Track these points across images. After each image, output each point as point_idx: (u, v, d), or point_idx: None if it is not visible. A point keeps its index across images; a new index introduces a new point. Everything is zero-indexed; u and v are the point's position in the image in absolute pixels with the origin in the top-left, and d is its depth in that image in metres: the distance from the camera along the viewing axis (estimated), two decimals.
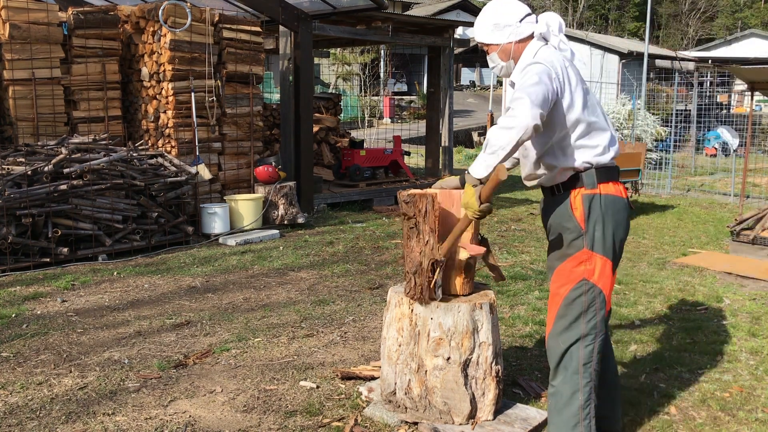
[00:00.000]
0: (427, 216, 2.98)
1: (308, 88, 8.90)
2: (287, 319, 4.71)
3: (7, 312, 4.74)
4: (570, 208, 2.75)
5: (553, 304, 2.84)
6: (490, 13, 2.86)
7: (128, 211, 6.55)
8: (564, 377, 2.78)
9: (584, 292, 2.74)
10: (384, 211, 9.37)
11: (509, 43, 2.83)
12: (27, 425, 3.13)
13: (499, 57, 2.88)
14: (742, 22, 45.97)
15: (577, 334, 2.75)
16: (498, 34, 2.83)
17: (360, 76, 27.53)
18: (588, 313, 2.74)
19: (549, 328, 2.85)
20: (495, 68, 2.93)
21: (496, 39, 2.84)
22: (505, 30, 2.82)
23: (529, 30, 2.81)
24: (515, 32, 2.81)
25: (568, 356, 2.77)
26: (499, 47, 2.85)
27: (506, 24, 2.82)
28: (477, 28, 2.90)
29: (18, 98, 7.39)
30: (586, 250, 2.72)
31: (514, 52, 2.84)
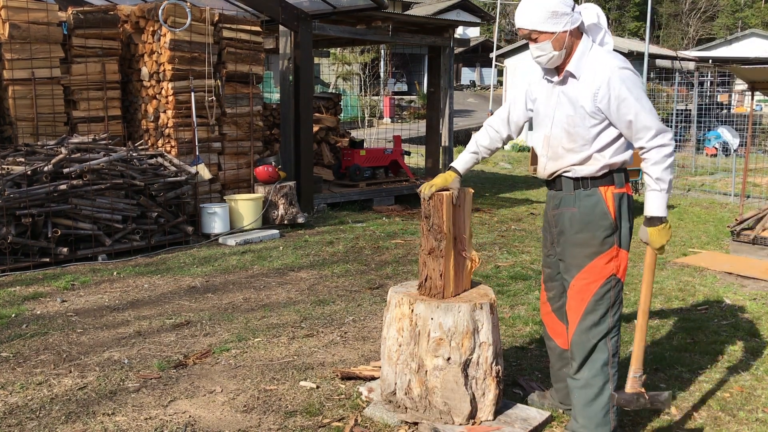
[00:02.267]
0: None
1: (308, 87, 8.90)
2: (287, 319, 4.71)
3: (7, 312, 4.73)
4: (605, 206, 2.83)
5: (579, 300, 2.88)
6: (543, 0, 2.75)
7: (128, 211, 6.54)
8: (595, 370, 2.87)
9: (612, 287, 2.85)
10: (384, 211, 9.37)
11: (564, 32, 2.75)
12: (27, 425, 3.12)
13: (552, 46, 2.78)
14: (742, 21, 45.97)
15: (606, 328, 2.86)
16: (555, 22, 2.74)
17: (360, 76, 27.53)
18: (614, 306, 2.87)
19: (575, 324, 2.90)
20: (542, 57, 2.83)
21: (551, 27, 2.74)
22: (563, 18, 2.74)
23: (578, 19, 2.78)
24: (570, 20, 2.75)
25: (599, 350, 2.87)
26: (553, 36, 2.76)
27: (564, 12, 2.73)
28: (527, 15, 2.77)
29: (18, 98, 7.39)
30: (617, 247, 2.84)
31: (568, 42, 2.78)
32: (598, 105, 2.74)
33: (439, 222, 3.07)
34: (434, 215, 3.09)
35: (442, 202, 3.05)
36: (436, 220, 3.08)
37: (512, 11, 43.49)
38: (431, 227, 3.10)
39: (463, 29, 36.34)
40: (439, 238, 3.09)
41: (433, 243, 3.11)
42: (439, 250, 3.10)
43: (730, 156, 15.72)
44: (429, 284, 3.16)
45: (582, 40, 2.80)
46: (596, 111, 2.76)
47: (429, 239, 3.13)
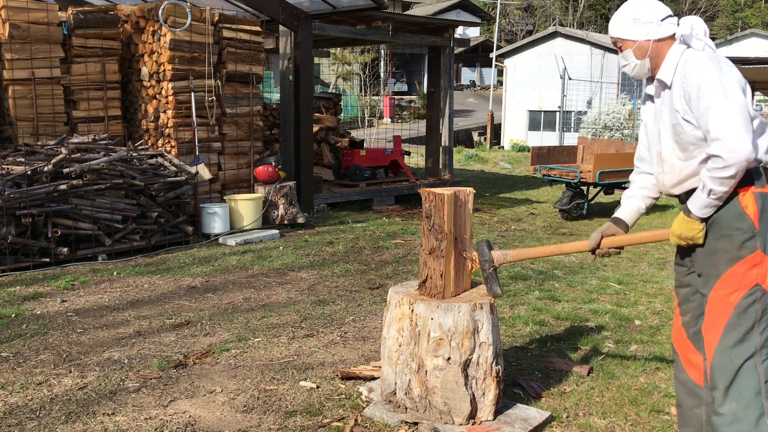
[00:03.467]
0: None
1: (308, 87, 8.90)
2: (287, 319, 4.71)
3: (7, 312, 4.73)
4: (741, 206, 2.53)
5: (719, 314, 2.54)
6: (630, 7, 2.71)
7: (128, 211, 6.54)
8: (743, 401, 2.46)
9: (758, 299, 2.49)
10: (384, 211, 9.37)
11: (647, 40, 2.67)
12: (27, 425, 3.12)
13: (633, 54, 2.71)
14: (742, 21, 45.97)
15: (753, 347, 2.48)
16: (636, 29, 2.67)
17: (360, 76, 27.53)
18: (762, 322, 2.49)
19: (714, 344, 2.55)
20: (626, 67, 2.77)
21: (634, 35, 2.68)
22: (645, 26, 2.66)
23: (669, 30, 2.66)
24: (655, 30, 2.65)
25: (746, 374, 2.47)
26: (635, 44, 2.69)
27: (647, 20, 2.66)
28: (613, 23, 2.74)
29: (18, 98, 7.39)
30: (760, 251, 2.51)
31: (652, 51, 2.68)
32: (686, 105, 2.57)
33: (440, 222, 3.07)
34: (435, 215, 3.09)
35: (443, 201, 3.05)
36: (437, 220, 3.08)
37: (512, 11, 43.52)
38: (432, 227, 3.10)
39: (463, 29, 36.34)
40: (440, 238, 3.09)
41: (434, 243, 3.11)
42: (440, 250, 3.10)
43: None
44: (429, 284, 3.16)
45: (672, 48, 2.66)
46: (687, 110, 2.58)
47: (430, 239, 3.13)
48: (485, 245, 3.15)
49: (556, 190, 11.78)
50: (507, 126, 22.72)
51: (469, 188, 3.23)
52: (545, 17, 43.85)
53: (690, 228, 2.62)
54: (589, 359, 4.02)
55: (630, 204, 2.97)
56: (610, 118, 14.90)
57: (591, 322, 4.71)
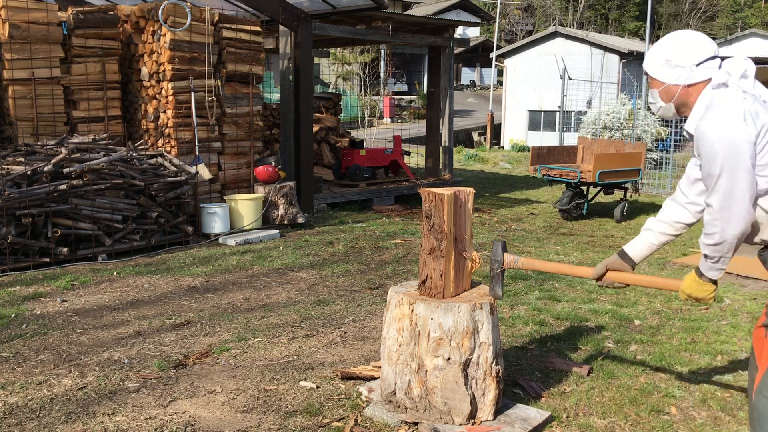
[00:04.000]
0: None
1: (308, 87, 8.90)
2: (287, 319, 4.71)
3: (7, 312, 4.73)
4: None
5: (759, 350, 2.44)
6: (666, 46, 2.53)
7: (128, 211, 6.54)
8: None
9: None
10: (384, 211, 9.37)
11: (676, 85, 2.51)
12: (27, 425, 3.12)
13: (660, 96, 2.58)
14: (742, 21, 45.96)
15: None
16: (666, 71, 2.52)
17: (360, 76, 27.53)
18: None
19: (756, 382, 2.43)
20: (653, 105, 2.65)
21: (662, 76, 2.54)
22: (675, 70, 2.50)
23: (705, 75, 2.48)
24: (686, 75, 2.49)
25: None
26: (663, 86, 2.55)
27: (678, 64, 2.49)
28: (648, 56, 2.60)
29: (18, 98, 7.39)
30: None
31: (679, 97, 2.53)
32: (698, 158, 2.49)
33: (440, 222, 3.07)
34: (435, 215, 3.09)
35: (443, 201, 3.05)
36: (437, 220, 3.08)
37: (512, 11, 43.51)
38: (432, 227, 3.10)
39: (463, 29, 36.34)
40: (439, 237, 3.09)
41: (434, 243, 3.11)
42: (440, 250, 3.10)
43: None
44: (429, 284, 3.16)
45: (702, 95, 2.48)
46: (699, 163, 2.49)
47: (430, 239, 3.13)
48: (500, 246, 3.11)
49: (556, 190, 11.78)
50: (507, 126, 22.72)
51: (469, 188, 3.23)
52: (545, 17, 43.85)
53: (701, 289, 2.52)
54: (589, 359, 4.02)
55: (643, 239, 2.84)
56: (610, 118, 14.89)
57: (591, 322, 4.71)
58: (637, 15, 46.92)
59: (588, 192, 9.44)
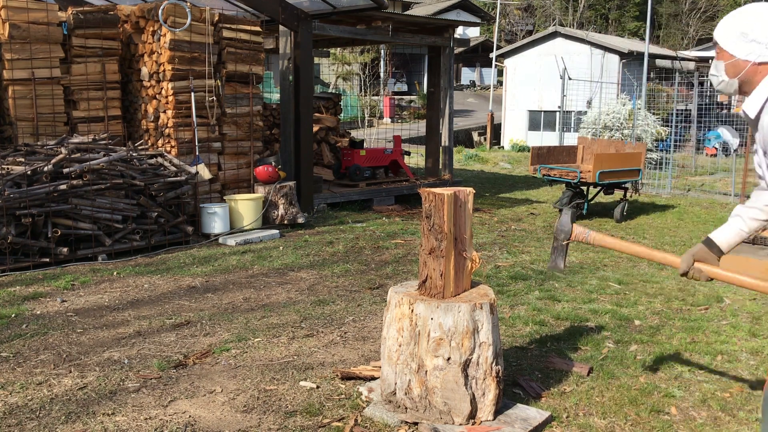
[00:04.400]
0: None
1: (308, 87, 8.90)
2: (287, 319, 4.71)
3: (7, 312, 4.73)
4: None
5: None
6: (744, 16, 2.39)
7: (128, 211, 6.54)
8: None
9: None
10: (384, 211, 9.37)
11: (746, 61, 2.38)
12: (27, 425, 3.12)
13: (725, 69, 2.45)
14: None
15: None
16: (739, 45, 2.39)
17: (360, 76, 27.53)
18: None
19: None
20: (714, 78, 2.51)
21: (734, 49, 2.40)
22: (751, 45, 2.37)
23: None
24: (759, 52, 2.36)
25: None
26: (732, 59, 2.41)
27: (755, 39, 2.36)
28: (721, 24, 2.46)
29: (18, 98, 7.39)
30: None
31: (746, 74, 2.40)
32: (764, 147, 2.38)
33: (440, 222, 3.08)
34: (435, 215, 3.09)
35: (443, 201, 3.05)
36: (437, 220, 3.08)
37: (512, 11, 43.51)
38: (432, 227, 3.10)
39: (463, 29, 36.33)
40: (439, 237, 3.09)
41: (434, 243, 3.11)
42: (440, 250, 3.10)
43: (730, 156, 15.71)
44: (429, 284, 3.16)
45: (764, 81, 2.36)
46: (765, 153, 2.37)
47: (430, 239, 3.13)
48: (569, 215, 2.92)
49: (556, 190, 11.78)
50: (507, 126, 22.72)
51: (469, 188, 3.23)
52: (545, 17, 43.85)
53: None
54: (589, 359, 4.02)
55: (732, 225, 2.68)
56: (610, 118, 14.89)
57: (591, 322, 4.71)
58: (637, 15, 46.92)
59: (588, 192, 9.44)
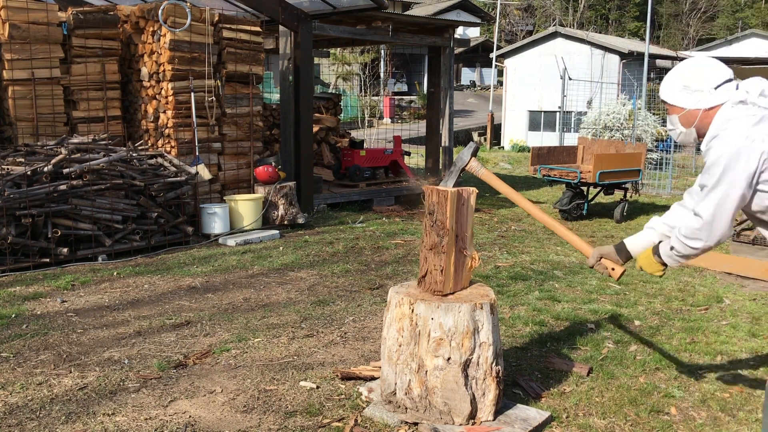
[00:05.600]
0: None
1: (308, 88, 8.90)
2: (287, 319, 4.71)
3: (7, 312, 4.73)
4: None
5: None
6: (683, 71, 2.59)
7: (128, 212, 6.54)
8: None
9: None
10: (384, 212, 9.37)
11: (696, 109, 2.56)
12: (27, 425, 3.12)
13: (680, 121, 2.62)
14: (742, 22, 45.96)
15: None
16: (685, 97, 2.57)
17: (360, 76, 27.53)
18: None
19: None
20: (672, 132, 2.69)
21: (681, 102, 2.58)
22: (695, 95, 2.55)
23: (723, 97, 2.54)
24: (705, 99, 2.54)
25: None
26: (683, 111, 2.59)
27: (697, 89, 2.54)
28: (664, 84, 2.65)
29: (17, 98, 7.39)
30: None
31: (699, 121, 2.57)
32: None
33: (443, 218, 3.09)
34: (438, 211, 3.10)
35: (447, 198, 3.07)
36: (440, 216, 3.09)
37: (512, 11, 43.50)
38: (434, 223, 3.12)
39: (463, 29, 36.34)
40: (441, 234, 3.10)
41: (435, 239, 3.12)
42: (441, 246, 3.11)
43: None
44: (429, 279, 3.18)
45: (715, 120, 2.53)
46: None
47: (431, 235, 3.14)
48: (471, 149, 3.23)
49: (556, 190, 11.78)
50: (507, 126, 22.72)
51: (472, 188, 3.24)
52: (545, 17, 43.85)
53: (651, 266, 2.77)
54: (589, 359, 4.02)
55: (646, 236, 2.97)
56: (610, 118, 14.89)
57: (591, 322, 4.71)
58: (637, 15, 46.93)
59: (588, 192, 9.44)
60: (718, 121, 2.53)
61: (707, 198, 2.47)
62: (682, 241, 2.56)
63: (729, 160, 2.41)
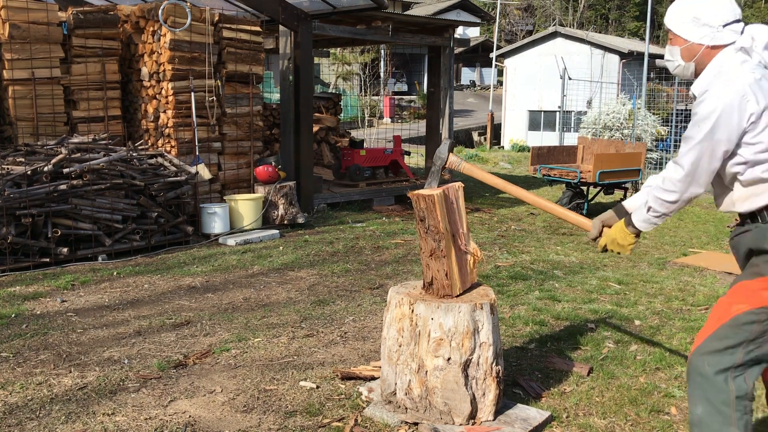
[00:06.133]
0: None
1: (308, 87, 8.90)
2: (287, 319, 4.71)
3: (7, 312, 4.73)
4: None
5: (714, 318, 2.48)
6: (696, 1, 2.50)
7: (128, 211, 6.54)
8: (711, 408, 2.41)
9: (759, 321, 2.38)
10: (384, 211, 9.37)
11: (700, 44, 2.50)
12: (27, 425, 3.12)
13: (680, 54, 2.56)
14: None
15: (731, 362, 2.39)
16: (692, 29, 2.50)
17: (360, 76, 27.53)
18: (753, 343, 2.39)
19: (697, 342, 2.49)
20: (669, 63, 2.62)
21: (687, 34, 2.51)
22: (702, 29, 2.48)
23: (729, 38, 2.47)
24: (711, 36, 2.47)
25: (714, 385, 2.40)
26: (686, 44, 2.52)
27: (706, 23, 2.47)
28: (671, 12, 2.56)
29: (18, 98, 7.39)
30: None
31: (701, 57, 2.52)
32: None
33: (435, 222, 3.07)
34: (429, 217, 3.07)
35: (434, 202, 3.03)
36: (432, 221, 3.07)
37: (512, 11, 43.50)
38: (428, 229, 3.10)
39: (463, 29, 36.33)
40: (437, 238, 3.09)
41: (433, 244, 3.11)
42: (440, 250, 3.10)
43: None
44: (436, 285, 3.16)
45: (714, 59, 2.48)
46: None
47: (428, 241, 3.12)
48: (447, 145, 3.20)
49: (556, 190, 11.78)
50: (507, 126, 22.72)
51: (458, 183, 3.23)
52: (545, 17, 43.85)
53: (624, 237, 2.69)
54: (589, 359, 4.02)
55: (644, 194, 2.86)
56: (610, 118, 14.89)
57: (591, 322, 4.71)
58: (637, 15, 46.93)
59: (588, 192, 9.44)
60: (717, 65, 2.48)
61: (692, 150, 2.42)
62: (658, 196, 2.50)
63: (720, 116, 2.36)
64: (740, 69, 2.41)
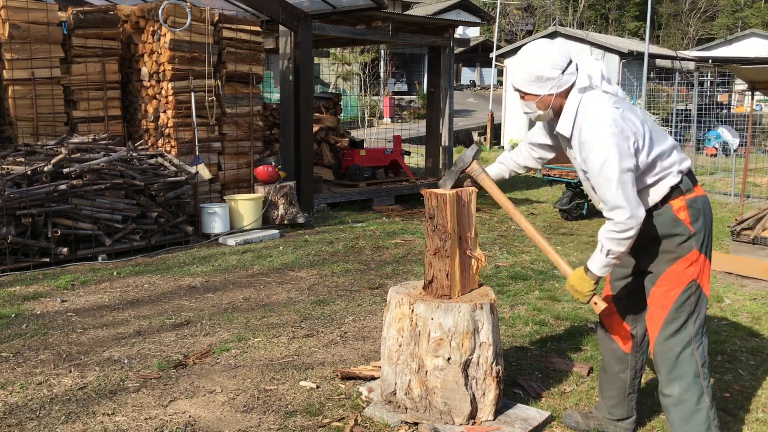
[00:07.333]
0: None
1: (308, 87, 8.90)
2: (287, 319, 4.71)
3: (7, 312, 4.73)
4: (674, 215, 2.73)
5: (660, 308, 2.80)
6: (532, 62, 2.73)
7: (128, 211, 6.54)
8: (685, 384, 2.75)
9: (693, 293, 2.76)
10: (384, 211, 9.37)
11: (549, 95, 2.74)
12: (27, 425, 3.12)
13: (537, 106, 2.80)
14: (742, 21, 45.96)
15: (688, 336, 2.76)
16: (538, 86, 2.74)
17: (360, 76, 27.52)
18: (695, 312, 2.76)
19: (656, 333, 2.82)
20: (530, 114, 2.86)
21: (536, 90, 2.75)
22: (547, 83, 2.72)
23: (570, 80, 2.74)
24: (557, 84, 2.72)
25: (684, 361, 2.76)
26: (538, 98, 2.77)
27: (549, 77, 2.71)
28: (516, 75, 2.78)
29: (18, 98, 7.39)
30: (696, 251, 2.74)
31: (554, 103, 2.77)
32: (583, 163, 2.71)
33: (444, 222, 3.07)
34: (438, 215, 3.08)
35: (446, 201, 3.05)
36: (441, 220, 3.08)
37: (512, 11, 43.50)
38: (436, 227, 3.10)
39: (463, 29, 36.34)
40: (443, 237, 3.09)
41: (438, 243, 3.11)
42: (445, 250, 3.10)
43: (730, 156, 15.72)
44: (436, 284, 3.16)
45: (568, 100, 2.74)
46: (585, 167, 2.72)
47: (434, 239, 3.12)
48: (474, 151, 3.23)
49: (556, 190, 11.78)
50: (507, 126, 22.70)
51: (472, 188, 3.22)
52: (545, 17, 43.86)
53: (584, 285, 2.80)
54: (589, 359, 4.02)
55: (498, 168, 3.30)
56: None
57: (591, 321, 4.71)
58: (637, 15, 46.94)
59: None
60: (572, 106, 2.71)
61: (615, 189, 2.58)
62: (617, 238, 2.63)
63: (611, 149, 2.56)
64: (602, 102, 2.66)
